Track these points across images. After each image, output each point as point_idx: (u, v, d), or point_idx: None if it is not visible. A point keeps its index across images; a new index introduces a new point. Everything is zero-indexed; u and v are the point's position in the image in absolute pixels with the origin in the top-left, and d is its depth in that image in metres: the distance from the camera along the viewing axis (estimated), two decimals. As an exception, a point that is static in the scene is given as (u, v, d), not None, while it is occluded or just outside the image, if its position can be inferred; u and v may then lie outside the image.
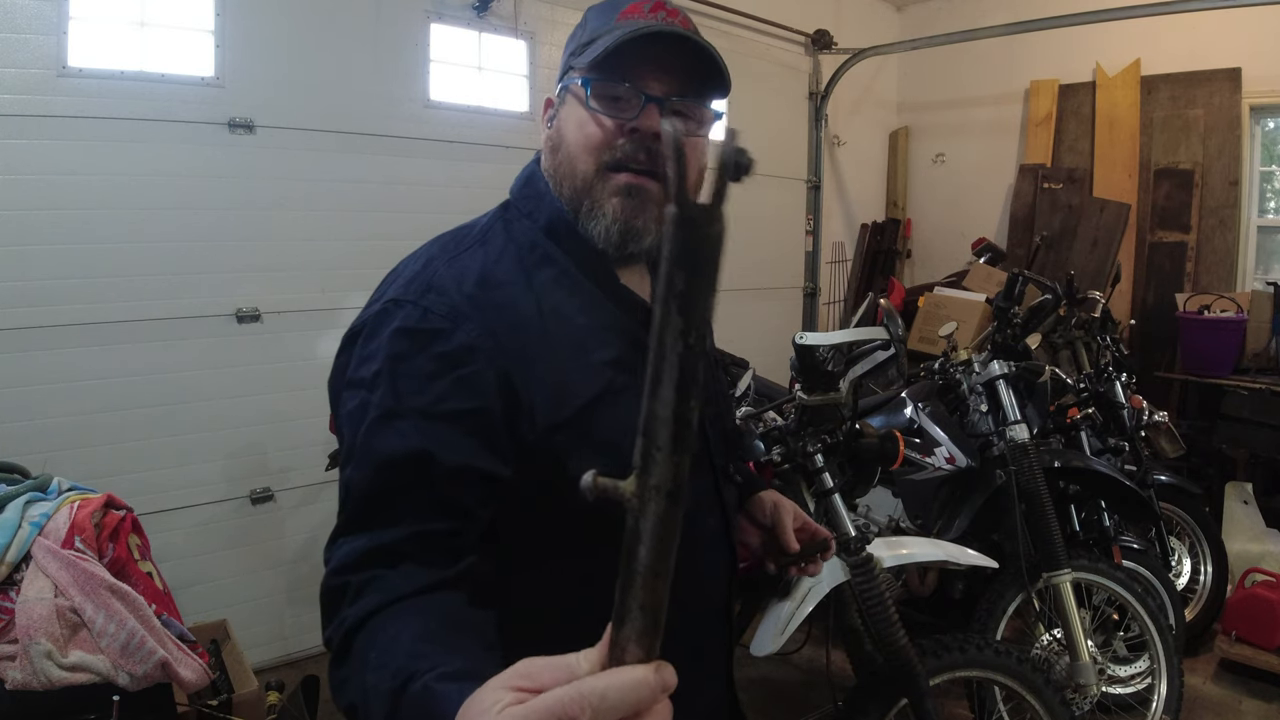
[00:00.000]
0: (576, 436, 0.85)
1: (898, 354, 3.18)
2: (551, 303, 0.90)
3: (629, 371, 0.90)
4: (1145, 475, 3.08)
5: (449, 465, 0.79)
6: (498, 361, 0.83)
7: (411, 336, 0.83)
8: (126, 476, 2.75)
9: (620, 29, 0.90)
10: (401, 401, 0.81)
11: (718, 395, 1.11)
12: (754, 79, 4.99)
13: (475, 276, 0.88)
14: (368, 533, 0.79)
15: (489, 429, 0.82)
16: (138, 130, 2.77)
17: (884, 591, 1.78)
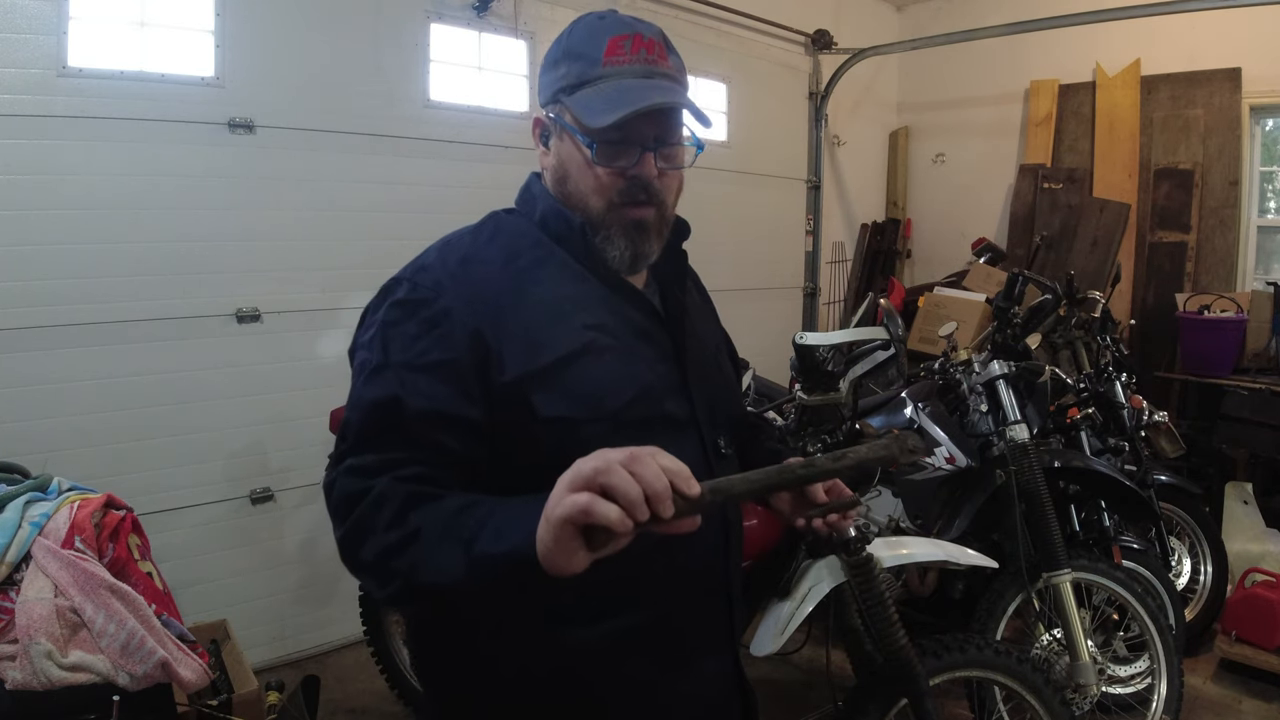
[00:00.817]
0: (547, 384, 0.99)
1: (898, 354, 3.18)
2: (533, 277, 1.06)
3: (613, 336, 1.05)
4: (1145, 475, 3.08)
5: (422, 408, 0.95)
6: (469, 322, 0.99)
7: (402, 306, 1.02)
8: (126, 476, 2.75)
9: (612, 83, 1.02)
10: (389, 358, 0.99)
11: (720, 379, 1.22)
12: (754, 79, 4.99)
13: (459, 257, 1.06)
14: (372, 453, 0.95)
15: (461, 377, 0.97)
16: (138, 130, 2.77)
17: (884, 591, 1.78)
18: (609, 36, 1.04)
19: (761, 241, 5.16)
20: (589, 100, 1.02)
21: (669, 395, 1.08)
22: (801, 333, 1.78)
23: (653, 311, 1.13)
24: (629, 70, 1.03)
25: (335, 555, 0.95)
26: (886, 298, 4.55)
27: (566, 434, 0.98)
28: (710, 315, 1.34)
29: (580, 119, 1.03)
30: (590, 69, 1.04)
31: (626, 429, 1.00)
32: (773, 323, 5.20)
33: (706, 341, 1.23)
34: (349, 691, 3.05)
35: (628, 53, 1.04)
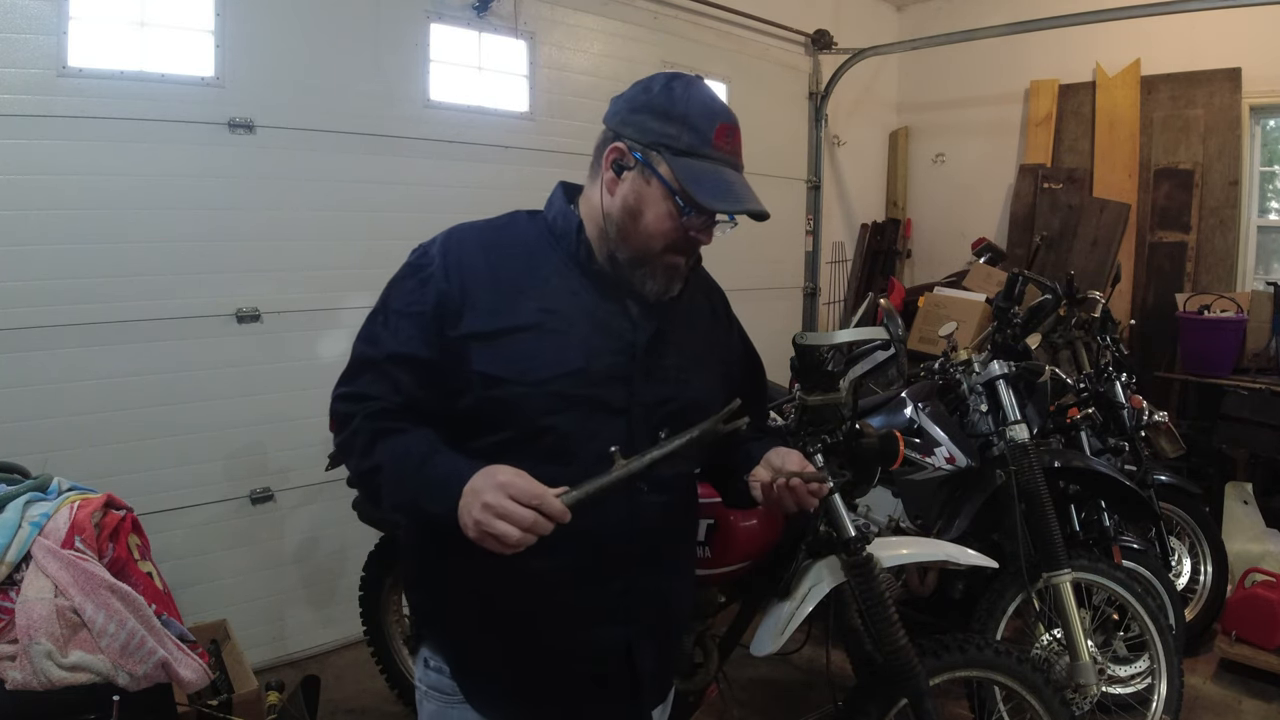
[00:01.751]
0: (488, 344, 1.22)
1: (898, 354, 3.18)
2: (513, 263, 1.28)
3: (567, 322, 1.25)
4: (1145, 475, 3.08)
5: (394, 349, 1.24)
6: (442, 285, 1.24)
7: (409, 267, 1.30)
8: (126, 476, 2.75)
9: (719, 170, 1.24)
10: (388, 304, 1.29)
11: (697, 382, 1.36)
12: (754, 79, 4.99)
13: (458, 238, 1.30)
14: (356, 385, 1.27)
15: (425, 326, 1.24)
16: (138, 130, 2.77)
17: (884, 591, 1.78)
18: (720, 122, 1.24)
19: (761, 241, 5.15)
20: (698, 175, 1.22)
21: (608, 383, 1.26)
22: (801, 333, 1.77)
23: (623, 312, 1.29)
24: (728, 161, 1.26)
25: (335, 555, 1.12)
26: (886, 298, 4.55)
27: (491, 387, 1.21)
28: (718, 328, 1.49)
29: (686, 187, 1.21)
30: (702, 146, 1.23)
31: (543, 399, 1.22)
32: (773, 323, 5.20)
33: (691, 348, 1.37)
34: (349, 691, 3.05)
35: (729, 144, 1.26)
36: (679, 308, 1.36)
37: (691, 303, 1.42)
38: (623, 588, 1.30)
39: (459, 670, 1.33)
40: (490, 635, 1.31)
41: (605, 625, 1.31)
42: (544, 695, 1.32)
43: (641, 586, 1.32)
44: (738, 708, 2.89)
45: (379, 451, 1.20)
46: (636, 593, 1.32)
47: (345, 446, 1.26)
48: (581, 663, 1.31)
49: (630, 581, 1.31)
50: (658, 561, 1.34)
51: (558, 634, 1.30)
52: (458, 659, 1.33)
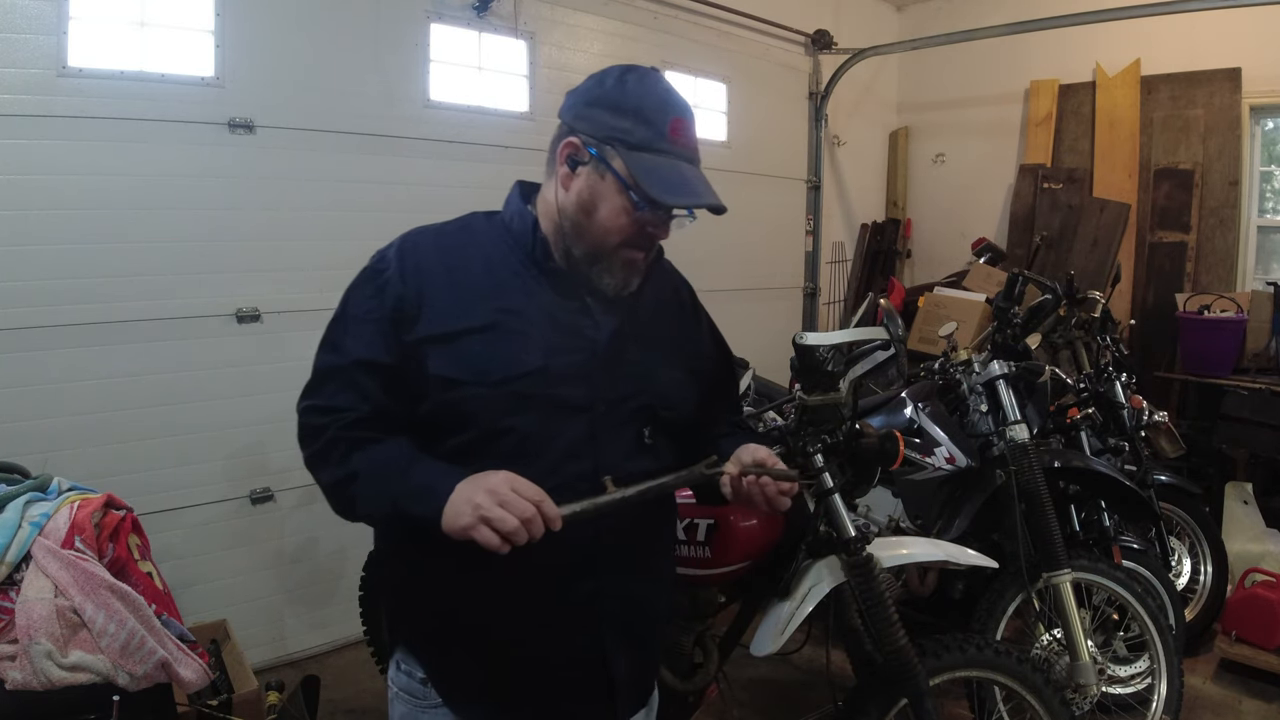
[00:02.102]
0: (444, 348, 1.22)
1: (898, 354, 3.18)
2: (469, 265, 1.27)
3: (526, 322, 1.24)
4: (1145, 475, 3.07)
5: (359, 355, 1.23)
6: (399, 289, 1.24)
7: (366, 273, 1.30)
8: (126, 476, 2.74)
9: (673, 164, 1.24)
10: (346, 311, 1.29)
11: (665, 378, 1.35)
12: (754, 79, 4.99)
13: (413, 242, 1.30)
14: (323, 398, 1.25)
15: (384, 332, 1.23)
16: (138, 130, 2.77)
17: (884, 591, 1.78)
18: (673, 116, 1.24)
19: (761, 241, 5.16)
20: (651, 170, 1.21)
21: (568, 381, 1.24)
22: (801, 333, 1.77)
23: (584, 309, 1.28)
24: (684, 155, 1.25)
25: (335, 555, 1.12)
26: (886, 298, 4.55)
27: (448, 390, 1.20)
28: (685, 323, 1.47)
29: (641, 182, 1.20)
30: (656, 140, 1.23)
31: (502, 400, 1.21)
32: (773, 323, 5.20)
33: (657, 343, 1.36)
34: (349, 692, 3.05)
35: (684, 138, 1.26)
36: (642, 303, 1.35)
37: (657, 297, 1.41)
38: (591, 591, 1.28)
39: (434, 673, 1.32)
40: (462, 640, 1.29)
41: (575, 629, 1.29)
42: (518, 699, 1.31)
43: (611, 590, 1.30)
44: (738, 708, 2.89)
45: (356, 460, 1.20)
46: (606, 596, 1.29)
47: (318, 458, 1.24)
48: (553, 668, 1.30)
49: (599, 585, 1.28)
50: (628, 564, 1.32)
51: (528, 639, 1.28)
52: (431, 663, 1.32)
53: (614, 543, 1.29)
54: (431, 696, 1.32)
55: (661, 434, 1.35)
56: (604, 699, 1.33)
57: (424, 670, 1.32)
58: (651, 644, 1.44)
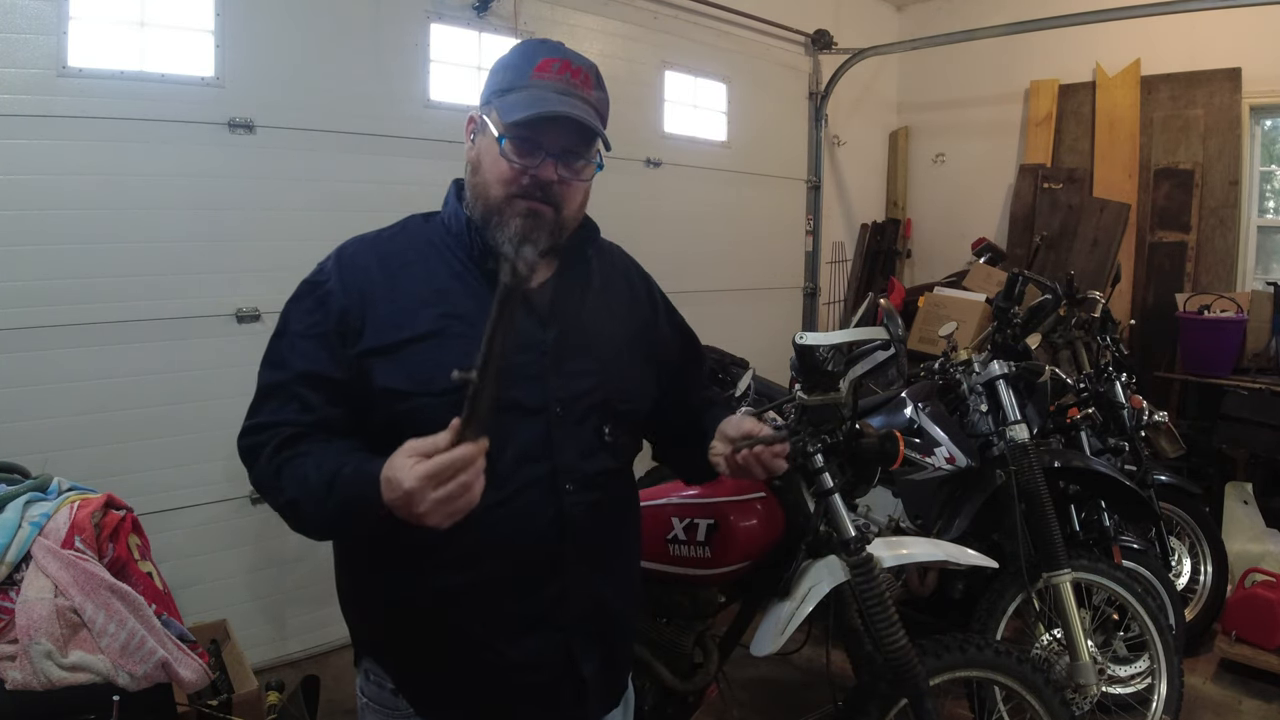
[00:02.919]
0: (389, 359, 1.19)
1: (898, 354, 3.18)
2: (410, 271, 1.25)
3: (469, 325, 1.19)
4: (1145, 475, 3.08)
5: (302, 369, 1.21)
6: (342, 302, 1.22)
7: (307, 285, 1.27)
8: (126, 476, 2.74)
9: (533, 91, 1.20)
10: (288, 326, 1.25)
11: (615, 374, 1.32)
12: (754, 79, 4.99)
13: (351, 251, 1.29)
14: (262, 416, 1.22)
15: (330, 345, 1.20)
16: (138, 130, 2.77)
17: (884, 591, 1.78)
18: (543, 57, 1.22)
19: (761, 241, 5.16)
20: (510, 103, 1.19)
21: (519, 383, 1.20)
22: (801, 333, 1.77)
23: (528, 308, 1.25)
24: (549, 85, 1.21)
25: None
26: (886, 298, 4.55)
27: (397, 402, 1.18)
28: (638, 312, 1.44)
29: (499, 117, 1.20)
30: (519, 79, 1.21)
31: (451, 407, 1.10)
32: (773, 323, 5.20)
33: (609, 336, 1.34)
34: (349, 691, 3.02)
35: (554, 73, 1.21)
36: (591, 296, 1.33)
37: (607, 290, 1.38)
38: (557, 593, 1.26)
39: (403, 683, 1.30)
40: (429, 647, 1.27)
41: (542, 632, 1.26)
42: (489, 706, 1.29)
43: (577, 590, 1.28)
44: (738, 708, 2.90)
45: (287, 484, 1.16)
46: (572, 597, 1.27)
47: (261, 483, 1.21)
48: (521, 672, 1.27)
49: (564, 586, 1.26)
50: (593, 563, 1.29)
51: (495, 643, 1.25)
52: (400, 673, 1.30)
53: (580, 543, 1.27)
54: (403, 707, 1.30)
55: (621, 429, 1.33)
56: (575, 701, 1.31)
57: (393, 681, 1.30)
58: (621, 643, 1.42)
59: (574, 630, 1.29)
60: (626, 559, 1.43)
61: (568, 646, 1.28)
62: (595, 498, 1.28)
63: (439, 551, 1.19)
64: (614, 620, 1.36)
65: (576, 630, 1.29)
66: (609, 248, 1.45)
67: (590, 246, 1.36)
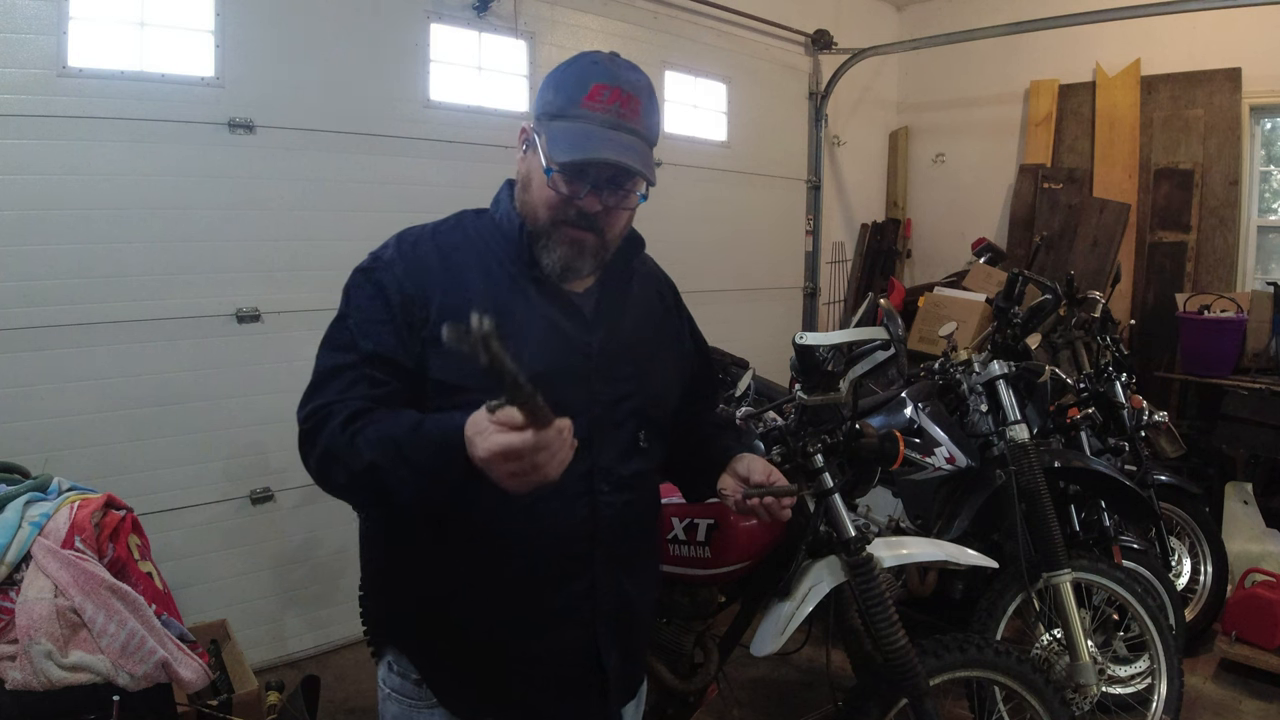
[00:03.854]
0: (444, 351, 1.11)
1: (898, 354, 3.17)
2: (466, 266, 1.27)
3: (520, 325, 1.23)
4: (1145, 475, 3.07)
5: (369, 350, 1.22)
6: (406, 289, 1.23)
7: (363, 272, 1.29)
8: (126, 476, 2.75)
9: (581, 125, 1.20)
10: (350, 310, 1.27)
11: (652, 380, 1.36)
12: (754, 79, 4.99)
13: (411, 240, 1.30)
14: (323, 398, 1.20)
15: (397, 330, 1.22)
16: (138, 130, 2.77)
17: (884, 591, 1.78)
18: (594, 82, 1.21)
19: (761, 241, 5.16)
20: (559, 134, 1.20)
21: (565, 386, 1.23)
22: (801, 333, 1.77)
23: (575, 312, 1.29)
24: (598, 118, 1.20)
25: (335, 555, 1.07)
26: (886, 298, 4.55)
27: (448, 396, 1.20)
28: (670, 324, 1.48)
29: (547, 148, 1.21)
30: (569, 106, 1.21)
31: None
32: (773, 323, 5.20)
33: (645, 343, 1.38)
34: (349, 691, 3.05)
35: (604, 102, 1.21)
36: (630, 303, 1.37)
37: (644, 297, 1.42)
38: (584, 589, 1.29)
39: (427, 673, 1.32)
40: (454, 640, 1.30)
41: (569, 627, 1.30)
42: (512, 697, 1.31)
43: (604, 587, 1.31)
44: (738, 708, 2.90)
45: (364, 448, 1.13)
46: (598, 594, 1.31)
47: (328, 458, 1.17)
48: (546, 664, 1.30)
49: (592, 582, 1.30)
50: (620, 561, 1.33)
51: (522, 636, 1.28)
52: (425, 663, 1.32)
53: (608, 541, 1.30)
54: (427, 696, 1.32)
55: (654, 434, 1.37)
56: (597, 694, 1.35)
57: (417, 670, 1.32)
58: (640, 637, 1.46)
59: (600, 625, 1.32)
60: (650, 558, 1.48)
61: (594, 640, 1.32)
62: (627, 498, 1.32)
63: (474, 544, 1.21)
64: (636, 616, 1.40)
65: (602, 625, 1.32)
66: (644, 258, 1.48)
67: (635, 259, 1.39)
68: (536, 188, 1.25)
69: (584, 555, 1.28)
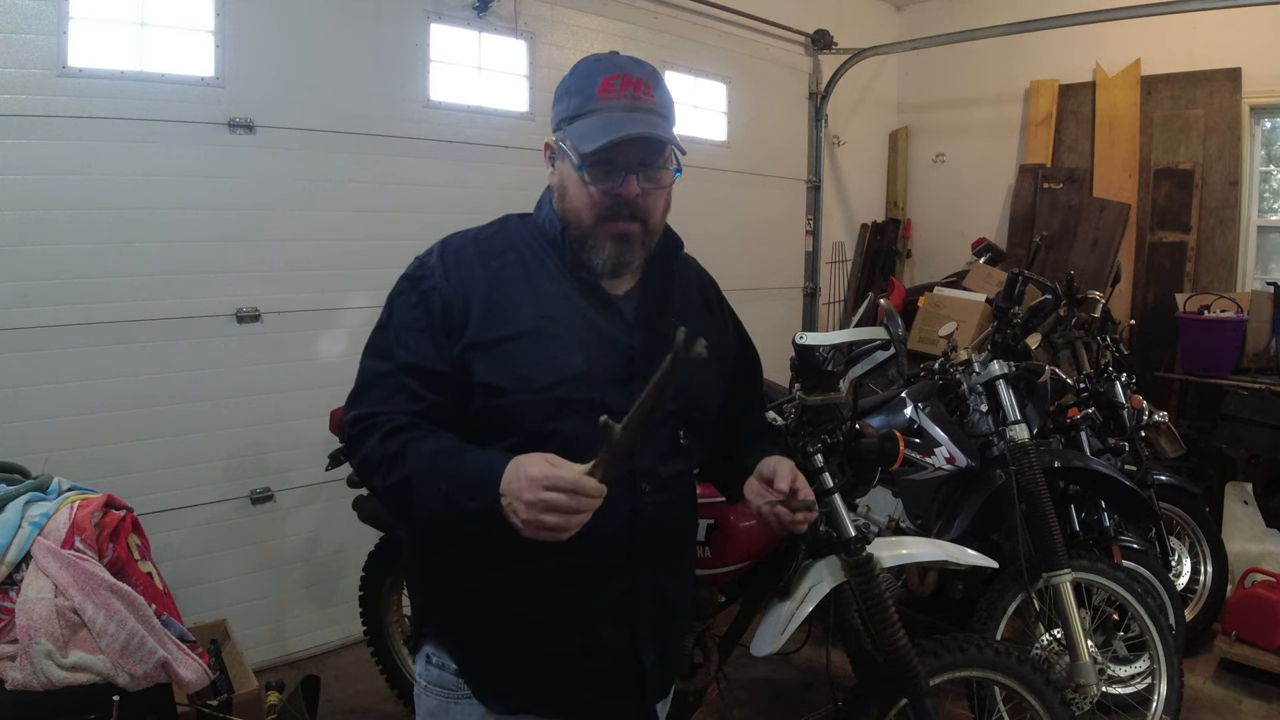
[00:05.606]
0: (489, 354, 1.24)
1: (898, 354, 3.18)
2: (510, 270, 1.29)
3: (564, 327, 1.26)
4: (1145, 475, 3.07)
5: (406, 361, 1.25)
6: (446, 297, 1.26)
7: (407, 280, 1.31)
8: (126, 476, 2.75)
9: (602, 115, 1.23)
10: (391, 318, 1.30)
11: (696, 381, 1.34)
12: (754, 79, 4.99)
13: (455, 247, 1.32)
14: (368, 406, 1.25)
15: (435, 339, 1.25)
16: (138, 130, 2.77)
17: (884, 591, 1.78)
18: (603, 76, 1.25)
19: (761, 241, 5.16)
20: (582, 129, 1.23)
21: (607, 385, 1.26)
22: (801, 333, 1.77)
23: (617, 312, 1.31)
24: (616, 105, 1.24)
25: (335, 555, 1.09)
26: (886, 298, 4.55)
27: (494, 397, 1.23)
28: (712, 323, 1.47)
29: (575, 145, 1.23)
30: (585, 103, 1.25)
31: (546, 405, 1.23)
32: (773, 323, 5.20)
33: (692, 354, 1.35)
34: (349, 691, 3.05)
35: (617, 90, 1.24)
36: (670, 305, 1.37)
37: (685, 299, 1.42)
38: (625, 587, 1.31)
39: (466, 667, 1.34)
40: (494, 635, 1.32)
41: (608, 625, 1.31)
42: (550, 692, 1.33)
43: (643, 586, 1.33)
44: (738, 708, 2.89)
45: (407, 464, 1.19)
46: (639, 592, 1.32)
47: (366, 465, 1.25)
48: (586, 661, 1.32)
49: (632, 581, 1.31)
50: (659, 561, 1.35)
51: (561, 634, 1.30)
52: (463, 657, 1.34)
53: (648, 541, 1.32)
54: (463, 688, 1.34)
55: (695, 435, 1.38)
56: (634, 691, 1.36)
57: (456, 663, 1.34)
58: (677, 636, 1.50)
59: (639, 622, 1.33)
60: (688, 560, 1.50)
61: (632, 637, 1.33)
62: (667, 498, 1.34)
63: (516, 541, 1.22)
64: (673, 614, 1.42)
65: (641, 624, 1.34)
66: (685, 258, 1.49)
67: (675, 261, 1.40)
68: (574, 191, 1.27)
69: (625, 554, 1.30)
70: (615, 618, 1.31)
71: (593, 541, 1.23)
